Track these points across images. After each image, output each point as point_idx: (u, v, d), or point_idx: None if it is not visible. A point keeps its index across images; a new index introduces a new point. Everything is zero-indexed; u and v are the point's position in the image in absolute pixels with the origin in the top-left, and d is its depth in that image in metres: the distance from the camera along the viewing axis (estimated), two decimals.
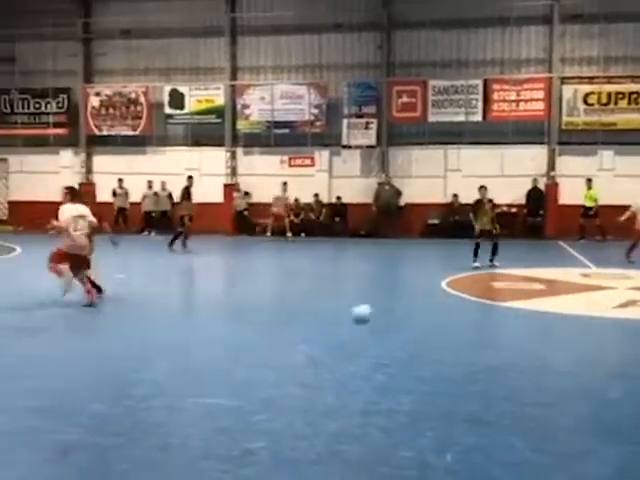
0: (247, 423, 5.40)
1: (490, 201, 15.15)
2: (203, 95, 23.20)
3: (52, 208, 24.01)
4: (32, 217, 23.37)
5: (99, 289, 10.71)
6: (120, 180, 23.18)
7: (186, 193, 18.15)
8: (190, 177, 18.71)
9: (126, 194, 23.25)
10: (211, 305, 11.61)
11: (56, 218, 10.48)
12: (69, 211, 10.52)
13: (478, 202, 15.09)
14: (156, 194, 23.26)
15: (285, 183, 22.19)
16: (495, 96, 21.73)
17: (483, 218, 14.81)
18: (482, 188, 15.05)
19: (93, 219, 10.67)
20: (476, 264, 14.48)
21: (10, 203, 24.61)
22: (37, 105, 24.03)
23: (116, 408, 5.74)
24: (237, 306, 10.85)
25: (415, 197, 22.00)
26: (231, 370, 6.94)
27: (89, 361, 7.27)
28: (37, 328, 8.87)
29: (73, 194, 10.95)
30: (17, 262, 16.46)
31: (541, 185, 21.81)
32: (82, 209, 10.66)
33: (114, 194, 23.22)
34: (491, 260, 14.84)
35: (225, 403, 5.83)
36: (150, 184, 23.20)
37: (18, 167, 24.37)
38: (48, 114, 24.00)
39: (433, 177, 22.02)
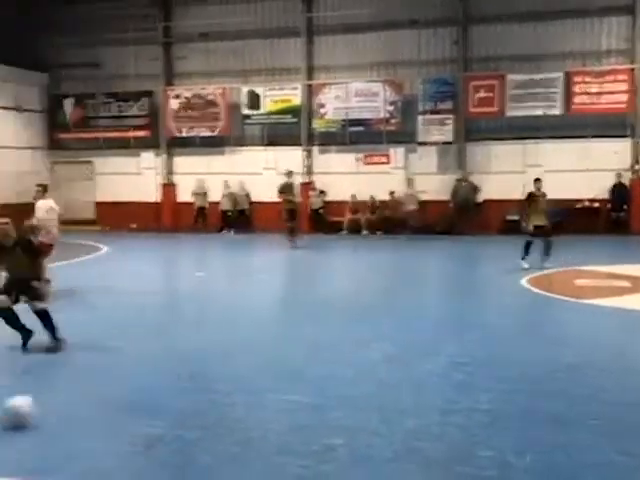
0: (325, 420, 5.48)
1: (544, 195, 13.98)
2: (279, 95, 23.45)
3: (136, 208, 24.88)
4: (117, 217, 24.27)
5: None
6: (200, 180, 23.69)
7: (285, 188, 18.48)
8: (289, 172, 18.98)
9: (205, 194, 23.75)
10: (290, 302, 11.76)
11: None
12: (45, 207, 11.48)
13: (531, 196, 13.95)
14: (232, 193, 23.65)
15: (410, 179, 22.15)
16: (576, 89, 21.13)
17: (538, 214, 13.70)
18: (537, 181, 14.03)
19: (59, 209, 11.81)
20: (526, 265, 13.46)
21: (97, 204, 25.50)
22: (120, 108, 24.79)
23: (199, 403, 5.91)
24: (315, 303, 10.94)
25: (494, 193, 21.62)
26: (309, 367, 7.03)
27: (173, 358, 7.49)
28: (122, 326, 9.17)
29: (45, 191, 11.91)
30: (102, 261, 17.05)
31: (625, 179, 21.10)
32: (53, 203, 11.72)
33: (194, 194, 23.76)
34: (544, 260, 13.64)
35: (303, 400, 5.92)
36: (226, 183, 23.61)
37: (103, 169, 25.22)
38: (130, 117, 24.74)
39: (512, 173, 21.56)
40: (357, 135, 22.91)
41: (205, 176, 23.76)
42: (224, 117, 23.86)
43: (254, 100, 23.56)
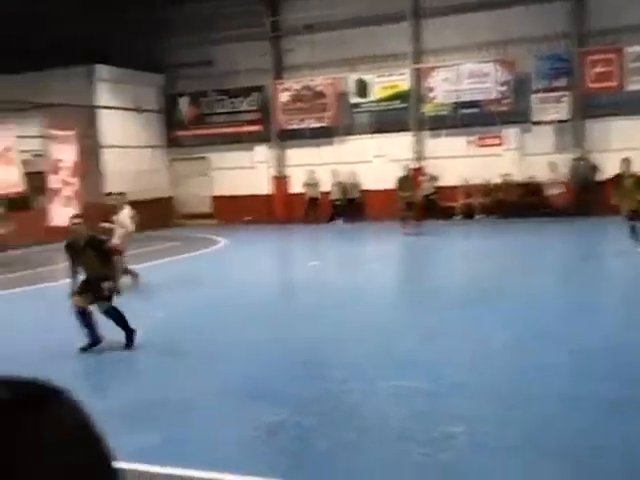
0: (442, 407, 5.44)
1: (633, 175, 12.95)
2: (388, 81, 23.32)
3: (249, 201, 25.44)
4: (233, 210, 24.98)
5: None
6: (311, 171, 23.96)
7: (402, 182, 18.69)
8: (406, 165, 19.10)
9: (316, 184, 23.99)
10: (404, 289, 11.74)
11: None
12: (129, 214, 12.03)
13: (617, 177, 13.08)
14: (341, 182, 23.78)
15: (554, 163, 21.50)
16: None
17: (628, 197, 12.62)
18: (625, 160, 13.06)
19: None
20: None
21: (213, 198, 26.32)
22: (232, 104, 25.43)
23: (316, 391, 6.02)
24: (430, 289, 10.87)
25: (617, 171, 20.60)
26: (425, 353, 7.00)
27: (288, 346, 7.66)
28: (239, 315, 9.44)
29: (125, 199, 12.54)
30: (220, 253, 17.59)
31: None
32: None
33: (305, 185, 24.05)
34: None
35: (420, 386, 5.91)
36: (334, 173, 23.76)
37: (219, 164, 25.96)
38: (242, 112, 25.33)
39: (636, 149, 20.49)
40: (468, 117, 22.46)
41: (316, 167, 24.00)
42: (333, 107, 23.99)
43: (362, 88, 23.57)
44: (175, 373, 6.91)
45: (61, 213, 19.76)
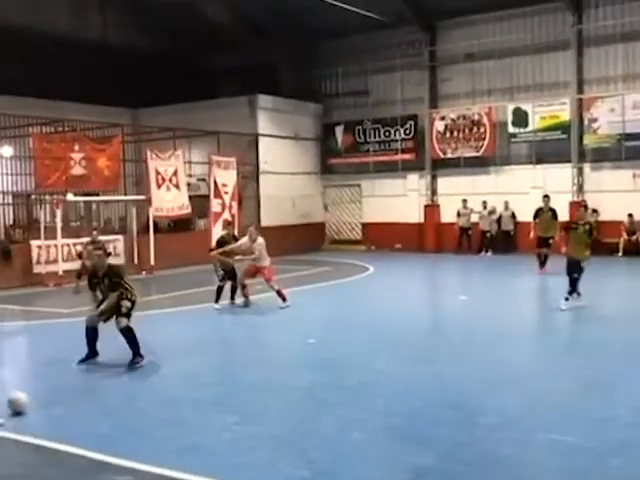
0: (602, 466, 5.12)
1: (586, 225, 12.27)
2: (547, 111, 22.61)
3: (399, 229, 25.40)
4: (383, 237, 25.09)
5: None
6: (464, 201, 23.59)
7: (538, 213, 17.83)
8: (545, 196, 18.24)
9: (469, 214, 23.58)
10: (556, 330, 11.23)
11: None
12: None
13: (569, 225, 12.58)
14: (490, 214, 23.22)
15: None
16: None
17: (575, 245, 12.07)
18: (583, 208, 12.83)
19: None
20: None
21: (364, 224, 26.58)
22: (387, 133, 25.62)
23: (465, 436, 5.84)
24: (584, 332, 10.33)
25: None
26: (582, 405, 6.63)
27: (439, 383, 7.52)
28: (389, 348, 9.40)
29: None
30: (369, 281, 17.67)
31: None
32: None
33: (458, 214, 23.72)
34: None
35: (577, 441, 5.59)
36: (484, 204, 23.26)
37: (370, 191, 26.22)
38: (396, 141, 25.46)
39: None
40: (634, 150, 21.30)
41: (469, 196, 23.64)
42: (489, 136, 23.57)
43: (521, 117, 23.01)
44: (325, 403, 6.95)
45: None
